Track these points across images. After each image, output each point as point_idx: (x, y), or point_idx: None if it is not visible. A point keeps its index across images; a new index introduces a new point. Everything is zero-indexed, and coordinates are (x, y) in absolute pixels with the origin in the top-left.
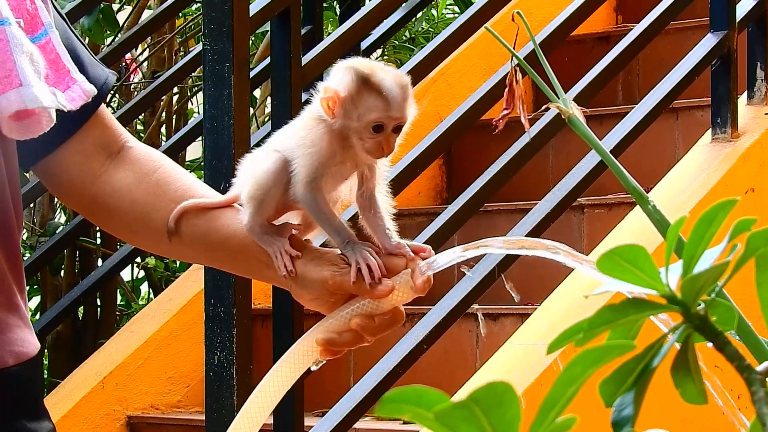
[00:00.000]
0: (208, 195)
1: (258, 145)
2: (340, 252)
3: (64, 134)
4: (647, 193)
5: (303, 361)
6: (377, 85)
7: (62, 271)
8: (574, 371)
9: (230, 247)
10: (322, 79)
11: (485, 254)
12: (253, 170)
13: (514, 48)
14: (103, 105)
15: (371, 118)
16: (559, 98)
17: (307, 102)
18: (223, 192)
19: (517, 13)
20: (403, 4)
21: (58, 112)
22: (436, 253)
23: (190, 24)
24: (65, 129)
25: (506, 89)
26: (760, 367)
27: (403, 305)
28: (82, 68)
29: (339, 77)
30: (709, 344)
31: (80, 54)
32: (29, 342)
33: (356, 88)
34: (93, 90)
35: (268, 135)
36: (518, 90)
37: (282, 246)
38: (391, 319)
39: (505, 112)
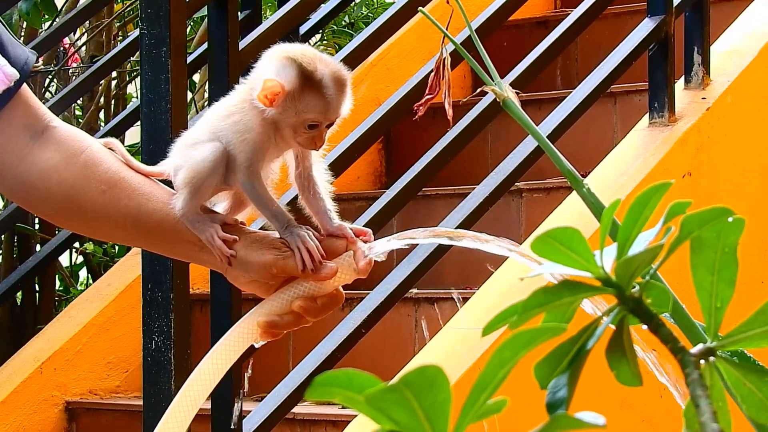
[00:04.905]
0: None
1: None
2: (279, 236)
3: None
4: (586, 177)
5: (242, 343)
6: (318, 84)
7: (0, 257)
8: (505, 354)
9: (162, 231)
10: None
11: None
12: (189, 157)
13: (449, 31)
14: (25, 85)
15: (309, 117)
16: (494, 82)
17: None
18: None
19: None
20: None
21: None
22: (375, 239)
23: (129, 8)
24: None
25: (432, 74)
26: (694, 350)
27: (342, 289)
28: (2, 49)
29: (281, 69)
30: (644, 326)
31: (0, 34)
32: None
33: (299, 85)
34: (15, 74)
35: None
36: (446, 75)
37: (215, 231)
38: (332, 300)
39: (428, 96)
